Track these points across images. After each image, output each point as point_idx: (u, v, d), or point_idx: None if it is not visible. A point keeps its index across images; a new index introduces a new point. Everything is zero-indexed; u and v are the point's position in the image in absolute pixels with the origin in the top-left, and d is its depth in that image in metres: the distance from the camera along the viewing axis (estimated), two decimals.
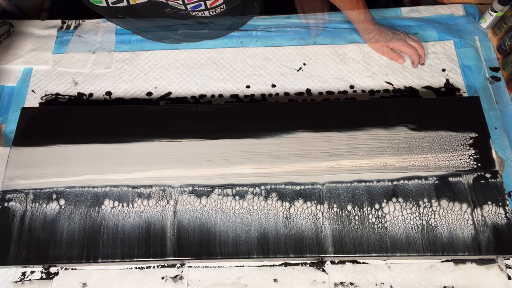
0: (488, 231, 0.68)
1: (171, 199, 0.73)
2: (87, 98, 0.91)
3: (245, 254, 0.69)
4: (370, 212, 0.71)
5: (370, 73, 0.92)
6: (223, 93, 0.90)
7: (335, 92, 0.90)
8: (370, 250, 0.68)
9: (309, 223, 0.70)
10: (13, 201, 0.73)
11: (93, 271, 0.73)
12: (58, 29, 1.00)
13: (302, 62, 0.94)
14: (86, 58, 0.95)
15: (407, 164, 0.74)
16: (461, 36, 0.96)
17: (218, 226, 0.71)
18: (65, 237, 0.70)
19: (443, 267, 0.72)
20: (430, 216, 0.70)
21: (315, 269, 0.72)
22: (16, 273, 0.73)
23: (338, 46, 0.96)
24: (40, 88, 0.92)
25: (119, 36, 0.98)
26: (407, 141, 0.76)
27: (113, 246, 0.69)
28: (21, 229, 0.71)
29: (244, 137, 0.77)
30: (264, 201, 0.72)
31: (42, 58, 0.95)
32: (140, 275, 0.73)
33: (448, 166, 0.74)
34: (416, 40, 0.92)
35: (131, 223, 0.71)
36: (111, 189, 0.74)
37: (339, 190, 0.73)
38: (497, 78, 0.91)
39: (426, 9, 1.01)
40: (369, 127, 0.78)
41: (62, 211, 0.72)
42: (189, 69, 0.93)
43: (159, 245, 0.69)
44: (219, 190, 0.73)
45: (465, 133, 0.76)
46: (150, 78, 0.92)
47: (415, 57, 0.90)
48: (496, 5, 0.91)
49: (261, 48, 0.96)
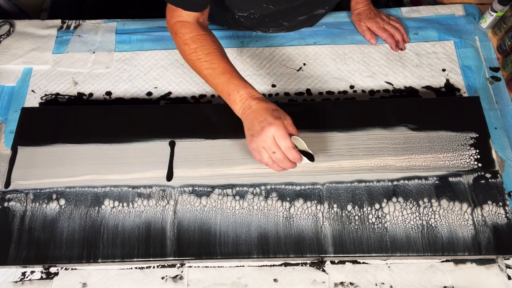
0: (488, 231, 0.68)
1: (171, 199, 0.73)
2: (87, 98, 0.90)
3: (245, 254, 0.69)
4: (370, 212, 0.71)
5: (370, 73, 0.92)
6: None
7: (335, 92, 0.90)
8: (370, 250, 0.68)
9: (309, 223, 0.70)
10: (13, 201, 0.73)
11: (93, 271, 0.73)
12: (58, 29, 1.00)
13: (302, 62, 0.94)
14: (86, 58, 0.95)
15: (407, 164, 0.74)
16: (461, 36, 0.96)
17: (218, 226, 0.71)
18: (65, 237, 0.70)
19: (443, 267, 0.72)
20: (430, 216, 0.70)
21: (315, 269, 0.72)
22: (16, 273, 0.73)
23: (338, 46, 0.96)
24: (40, 88, 0.92)
25: (119, 36, 0.98)
26: (407, 141, 0.76)
27: (113, 246, 0.69)
28: (21, 229, 0.71)
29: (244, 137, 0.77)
30: (264, 201, 0.72)
31: (42, 58, 0.95)
32: (140, 275, 0.73)
33: (448, 166, 0.74)
34: (395, 26, 0.95)
35: (131, 223, 0.71)
36: (111, 189, 0.74)
37: (339, 190, 0.73)
38: (497, 78, 0.91)
39: (426, 9, 1.01)
40: (369, 127, 0.78)
41: (62, 211, 0.72)
42: (189, 69, 0.93)
43: (159, 245, 0.69)
44: (219, 190, 0.73)
45: (465, 133, 0.76)
46: (150, 78, 0.92)
47: (389, 41, 0.94)
48: (496, 5, 0.91)
49: (261, 48, 0.96)
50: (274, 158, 0.65)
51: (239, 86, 0.68)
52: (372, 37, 0.95)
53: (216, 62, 0.71)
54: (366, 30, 0.95)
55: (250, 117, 0.66)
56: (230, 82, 0.69)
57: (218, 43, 0.74)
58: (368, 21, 0.95)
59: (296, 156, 0.65)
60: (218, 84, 0.70)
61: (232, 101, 0.69)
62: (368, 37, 0.95)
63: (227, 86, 0.69)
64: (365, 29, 0.95)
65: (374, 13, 0.96)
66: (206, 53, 0.71)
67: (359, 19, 0.96)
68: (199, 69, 0.73)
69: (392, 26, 0.95)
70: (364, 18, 0.95)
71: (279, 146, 0.63)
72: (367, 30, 0.95)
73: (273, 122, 0.63)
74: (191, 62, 0.74)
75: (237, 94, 0.68)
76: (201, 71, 0.72)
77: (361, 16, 0.96)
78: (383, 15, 0.97)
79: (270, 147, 0.63)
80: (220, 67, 0.70)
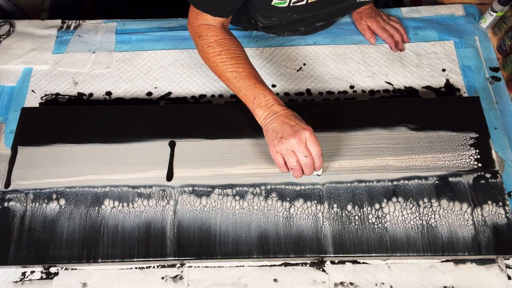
0: (488, 231, 0.68)
1: (171, 199, 0.73)
2: (87, 98, 0.90)
3: (245, 254, 0.69)
4: (370, 212, 0.71)
5: (370, 73, 0.92)
6: (223, 93, 0.90)
7: (335, 92, 0.90)
8: (370, 250, 0.68)
9: (309, 223, 0.70)
10: (13, 201, 0.73)
11: (93, 271, 0.73)
12: (58, 29, 1.00)
13: (302, 62, 0.94)
14: (86, 58, 0.95)
15: (407, 164, 0.74)
16: (461, 36, 0.96)
17: (218, 226, 0.71)
18: (65, 237, 0.70)
19: (443, 267, 0.72)
20: (430, 216, 0.70)
21: (315, 269, 0.72)
22: (16, 273, 0.73)
23: (338, 46, 0.96)
24: (40, 88, 0.92)
25: (119, 36, 0.98)
26: (407, 141, 0.76)
27: (113, 246, 0.69)
28: (21, 229, 0.71)
29: (244, 137, 0.77)
30: (264, 201, 0.72)
31: (42, 58, 0.95)
32: (140, 275, 0.73)
33: (448, 166, 0.74)
34: (395, 27, 0.95)
35: (131, 223, 0.71)
36: (111, 189, 0.74)
37: (339, 190, 0.73)
38: (497, 78, 0.91)
39: (426, 9, 1.01)
40: (369, 127, 0.78)
41: (62, 211, 0.72)
42: (189, 69, 0.93)
43: (159, 245, 0.69)
44: (219, 190, 0.73)
45: (465, 133, 0.76)
46: (150, 78, 0.92)
47: (388, 41, 0.94)
48: (496, 5, 0.91)
49: (261, 48, 0.96)
50: (304, 163, 0.65)
51: (266, 91, 0.70)
52: (372, 36, 0.95)
53: (242, 66, 0.72)
54: (367, 29, 0.95)
55: (279, 120, 0.67)
56: (257, 87, 0.70)
57: (243, 49, 0.75)
58: (368, 19, 0.95)
59: (322, 164, 0.67)
60: (243, 88, 0.71)
61: (257, 104, 0.69)
62: (368, 36, 0.95)
63: (253, 90, 0.70)
64: (365, 28, 0.96)
65: (375, 12, 0.96)
66: (231, 57, 0.72)
67: (360, 18, 0.96)
68: (222, 71, 0.73)
69: (392, 26, 0.95)
70: (365, 16, 0.96)
71: (310, 151, 0.65)
72: (367, 29, 0.95)
73: (306, 127, 0.65)
74: (214, 64, 0.74)
75: (263, 98, 0.69)
76: (224, 73, 0.73)
77: (362, 15, 0.96)
78: (383, 15, 0.97)
79: (303, 150, 0.64)
80: (245, 71, 0.71)
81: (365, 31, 0.96)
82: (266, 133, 0.69)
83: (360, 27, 0.97)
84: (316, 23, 0.90)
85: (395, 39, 0.94)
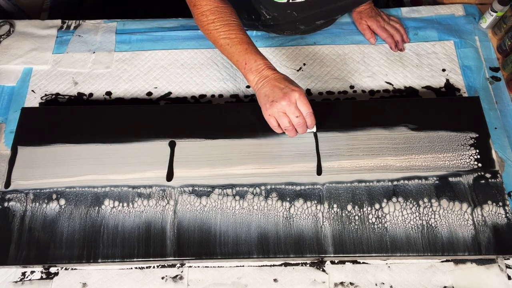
0: (488, 231, 0.68)
1: (171, 199, 0.73)
2: (87, 98, 0.91)
3: (245, 254, 0.69)
4: (370, 212, 0.71)
5: (370, 73, 0.92)
6: (223, 93, 0.90)
7: (335, 92, 0.90)
8: (370, 250, 0.68)
9: (309, 223, 0.70)
10: (13, 201, 0.73)
11: (93, 271, 0.73)
12: (58, 29, 1.00)
13: (302, 62, 0.94)
14: (86, 58, 0.95)
15: (407, 164, 0.74)
16: (461, 36, 0.96)
17: (218, 226, 0.71)
18: (65, 237, 0.70)
19: (443, 267, 0.72)
20: (430, 216, 0.70)
21: (315, 269, 0.72)
22: (16, 273, 0.73)
23: (338, 46, 0.96)
24: (40, 88, 0.92)
25: (119, 36, 0.98)
26: (407, 141, 0.76)
27: (113, 246, 0.69)
28: (21, 229, 0.71)
29: (244, 137, 0.77)
30: (264, 201, 0.72)
31: (42, 58, 0.95)
32: (140, 275, 0.73)
33: (448, 166, 0.74)
34: (395, 27, 0.95)
35: (131, 223, 0.71)
36: (111, 189, 0.74)
37: (339, 190, 0.73)
38: (497, 78, 0.91)
39: (426, 9, 1.01)
40: (369, 127, 0.78)
41: (62, 211, 0.72)
42: (189, 69, 0.93)
43: (159, 245, 0.69)
44: (219, 190, 0.73)
45: (465, 133, 0.76)
46: (150, 78, 0.92)
47: (388, 41, 0.94)
48: (496, 5, 0.91)
49: (261, 48, 0.95)
50: (296, 123, 0.68)
51: (257, 56, 0.71)
52: (372, 36, 0.95)
53: (234, 32, 0.73)
54: (367, 28, 0.96)
55: (270, 84, 0.69)
56: (248, 52, 0.71)
57: (236, 16, 0.76)
58: (369, 19, 0.95)
59: (314, 122, 0.70)
60: (235, 53, 0.72)
61: (248, 69, 0.71)
62: (368, 35, 0.95)
63: (244, 55, 0.71)
64: (365, 28, 0.96)
65: (375, 12, 0.96)
66: (223, 24, 0.73)
67: (360, 17, 0.96)
68: (215, 38, 0.74)
69: (392, 26, 0.95)
70: (365, 16, 0.96)
71: (301, 111, 0.67)
72: (367, 28, 0.96)
73: (295, 89, 0.67)
74: (208, 32, 0.75)
75: (254, 63, 0.70)
76: (218, 40, 0.74)
77: (362, 14, 0.96)
78: (383, 15, 0.97)
79: (293, 111, 0.67)
80: (237, 37, 0.72)
81: (365, 31, 0.96)
82: (258, 98, 0.71)
83: (360, 27, 0.97)
84: (316, 21, 0.90)
85: (395, 39, 0.94)
